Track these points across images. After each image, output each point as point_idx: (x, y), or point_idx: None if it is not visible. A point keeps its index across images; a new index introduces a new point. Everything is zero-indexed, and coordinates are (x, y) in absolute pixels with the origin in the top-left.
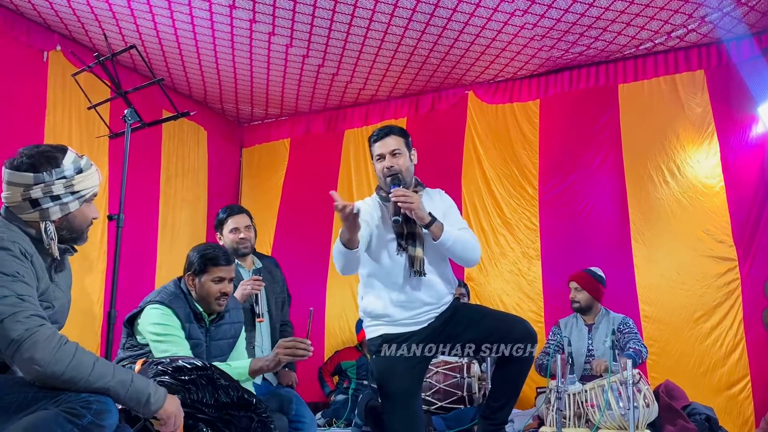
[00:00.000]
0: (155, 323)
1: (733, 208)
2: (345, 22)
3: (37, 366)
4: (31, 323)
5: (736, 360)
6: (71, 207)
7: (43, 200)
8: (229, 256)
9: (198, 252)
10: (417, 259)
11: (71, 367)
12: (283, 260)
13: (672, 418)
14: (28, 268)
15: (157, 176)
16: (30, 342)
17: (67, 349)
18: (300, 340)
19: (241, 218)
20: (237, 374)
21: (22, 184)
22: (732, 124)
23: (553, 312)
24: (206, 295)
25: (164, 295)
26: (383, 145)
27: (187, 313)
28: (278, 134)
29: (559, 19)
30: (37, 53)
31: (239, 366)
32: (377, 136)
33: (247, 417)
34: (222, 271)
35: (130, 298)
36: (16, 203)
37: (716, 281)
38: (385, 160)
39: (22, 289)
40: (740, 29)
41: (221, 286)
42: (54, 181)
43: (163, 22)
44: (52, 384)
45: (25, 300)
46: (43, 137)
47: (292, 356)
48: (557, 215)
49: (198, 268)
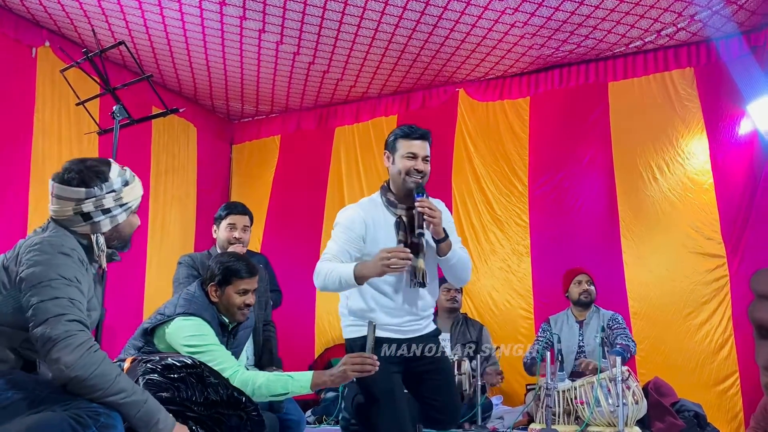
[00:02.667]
0: (190, 335)
1: (722, 205)
2: (335, 19)
3: (63, 366)
4: (72, 327)
5: (725, 356)
6: (120, 219)
7: (95, 213)
8: (252, 267)
9: (221, 263)
10: (420, 270)
11: (95, 374)
12: (272, 257)
13: (661, 414)
14: (84, 276)
15: (147, 173)
16: (64, 343)
17: (95, 357)
18: (367, 356)
19: (242, 218)
20: (299, 388)
21: (73, 198)
22: (721, 121)
23: (543, 308)
24: (229, 306)
25: (195, 306)
26: (421, 146)
27: (216, 324)
28: (268, 131)
29: (549, 17)
30: (26, 49)
31: (301, 379)
32: (416, 135)
33: (236, 415)
34: (246, 283)
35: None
36: (66, 217)
37: (705, 278)
38: (417, 161)
39: (75, 294)
40: (729, 28)
41: (245, 297)
42: (105, 195)
43: (153, 18)
44: (72, 387)
45: (75, 305)
46: (33, 133)
47: (361, 372)
48: (547, 212)
49: (221, 279)
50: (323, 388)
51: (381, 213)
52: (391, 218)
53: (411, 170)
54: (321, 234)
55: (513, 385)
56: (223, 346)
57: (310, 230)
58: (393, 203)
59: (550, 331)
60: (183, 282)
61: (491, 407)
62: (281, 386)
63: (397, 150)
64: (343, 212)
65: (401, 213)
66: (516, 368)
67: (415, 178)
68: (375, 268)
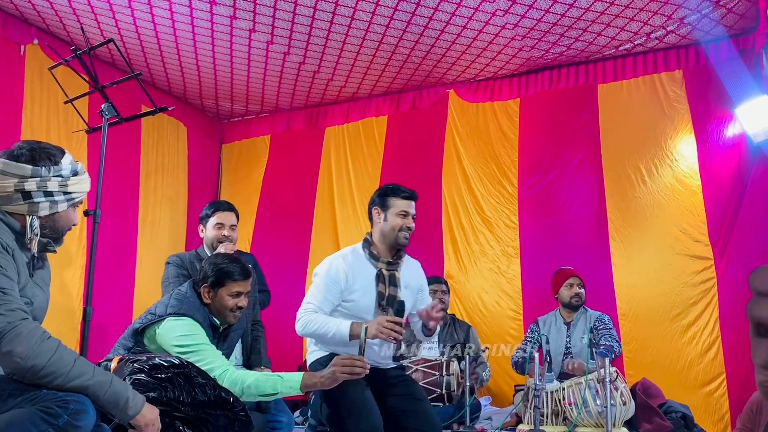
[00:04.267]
0: (181, 335)
1: (710, 208)
2: (326, 20)
3: (17, 359)
4: (14, 317)
5: (711, 358)
6: (60, 207)
7: (36, 194)
8: (246, 269)
9: (215, 264)
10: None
11: (52, 361)
12: (261, 257)
13: (648, 415)
14: (10, 261)
15: (137, 172)
16: (12, 335)
17: (49, 344)
18: (357, 358)
19: (229, 216)
20: (289, 388)
21: (17, 174)
22: (709, 124)
23: (532, 309)
24: (221, 308)
25: (187, 306)
26: (413, 207)
27: (208, 325)
28: (258, 131)
29: (539, 20)
30: (14, 46)
31: (291, 380)
32: (410, 196)
33: (224, 416)
34: (239, 285)
35: (110, 294)
36: (6, 194)
37: (692, 279)
38: (408, 219)
39: (4, 282)
40: (718, 31)
41: (238, 300)
42: (51, 177)
43: (142, 16)
44: (31, 378)
45: (8, 293)
46: (21, 131)
47: (350, 374)
48: (536, 213)
49: (214, 280)
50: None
51: (363, 265)
52: (372, 270)
53: (404, 227)
54: (310, 234)
55: (501, 385)
56: (213, 346)
57: (300, 230)
58: (376, 257)
59: (539, 332)
60: (173, 282)
61: (480, 408)
62: (270, 386)
63: (389, 207)
64: (324, 264)
65: (382, 267)
66: (505, 369)
67: (406, 233)
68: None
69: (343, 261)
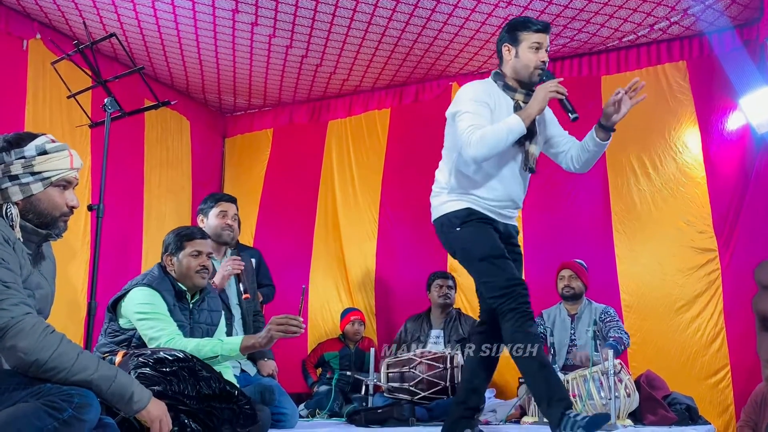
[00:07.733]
0: (141, 303)
1: (714, 199)
2: (329, 12)
3: (21, 354)
4: (17, 311)
5: (716, 349)
6: (33, 188)
7: (2, 180)
8: (203, 232)
9: (172, 233)
10: (532, 156)
11: (55, 356)
12: (265, 250)
13: (653, 407)
14: (11, 253)
15: (141, 166)
16: (15, 330)
17: (53, 338)
18: (292, 317)
19: (231, 206)
20: (228, 350)
21: None
22: (713, 115)
23: (536, 302)
24: (186, 270)
25: (150, 278)
26: (547, 39)
27: (172, 295)
28: (261, 124)
29: (542, 11)
30: (17, 41)
31: (231, 342)
32: (543, 29)
33: (229, 409)
34: (198, 244)
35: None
36: None
37: (697, 271)
38: (542, 52)
39: (6, 275)
40: (722, 21)
41: (200, 259)
42: (13, 161)
43: (145, 10)
44: (34, 373)
45: (11, 287)
46: (24, 126)
47: (285, 333)
48: (539, 205)
49: (174, 246)
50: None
51: (500, 94)
52: (509, 101)
53: (538, 63)
54: (313, 227)
55: (506, 378)
56: (169, 317)
57: (303, 223)
58: (512, 87)
59: (543, 325)
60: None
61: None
62: (210, 350)
63: (520, 42)
64: (462, 93)
65: (519, 98)
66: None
67: (541, 70)
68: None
69: (481, 85)
